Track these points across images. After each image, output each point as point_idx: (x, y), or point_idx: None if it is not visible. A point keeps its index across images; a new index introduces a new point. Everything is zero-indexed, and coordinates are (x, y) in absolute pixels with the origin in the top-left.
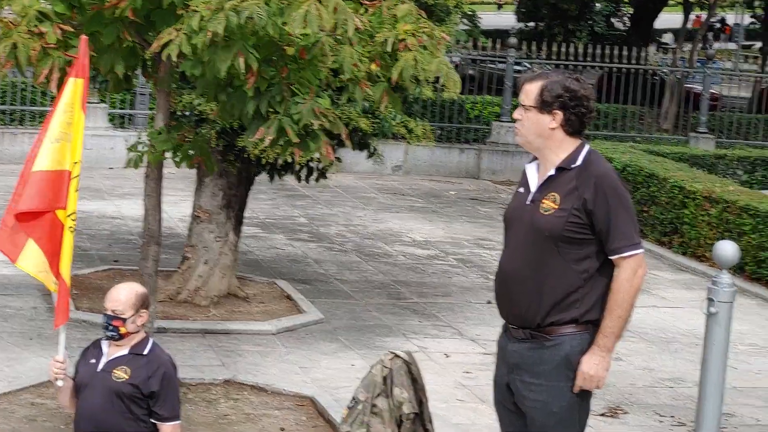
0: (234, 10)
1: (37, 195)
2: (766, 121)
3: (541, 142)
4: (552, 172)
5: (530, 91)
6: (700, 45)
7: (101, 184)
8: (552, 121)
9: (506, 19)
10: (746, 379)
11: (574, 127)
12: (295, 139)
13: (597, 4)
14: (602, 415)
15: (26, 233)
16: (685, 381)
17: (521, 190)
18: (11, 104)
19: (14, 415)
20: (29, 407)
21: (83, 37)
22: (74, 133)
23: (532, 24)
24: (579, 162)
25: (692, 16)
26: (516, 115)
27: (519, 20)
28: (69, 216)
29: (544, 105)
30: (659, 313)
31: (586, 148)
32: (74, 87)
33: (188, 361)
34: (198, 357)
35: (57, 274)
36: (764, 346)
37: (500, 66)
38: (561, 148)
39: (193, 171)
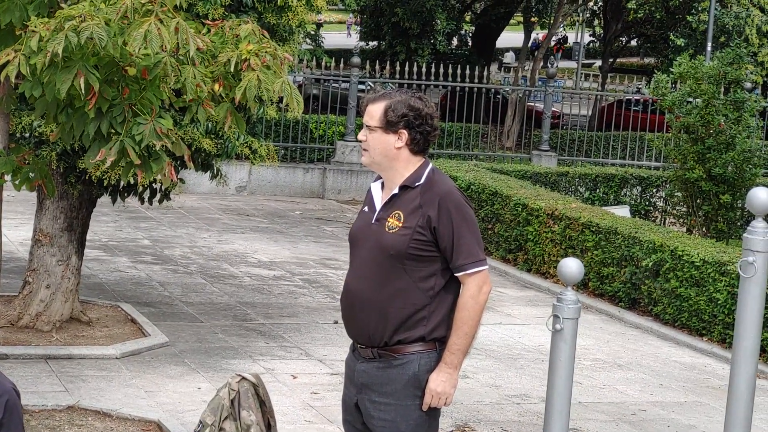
0: (74, 30)
1: None
2: (606, 138)
3: (387, 162)
4: (396, 190)
5: (374, 112)
6: (542, 64)
7: None
8: (398, 140)
9: (351, 39)
10: (591, 393)
11: (419, 146)
12: (137, 161)
13: (438, 23)
14: None
15: None
16: (531, 397)
17: (366, 209)
18: None
19: None
20: None
21: None
22: None
23: (374, 43)
24: (422, 180)
25: (535, 35)
26: (361, 136)
27: (361, 39)
28: None
29: (389, 125)
30: (505, 329)
31: (430, 166)
32: None
33: (30, 388)
34: (41, 383)
35: None
36: (608, 361)
37: (344, 85)
38: (405, 167)
39: (34, 194)
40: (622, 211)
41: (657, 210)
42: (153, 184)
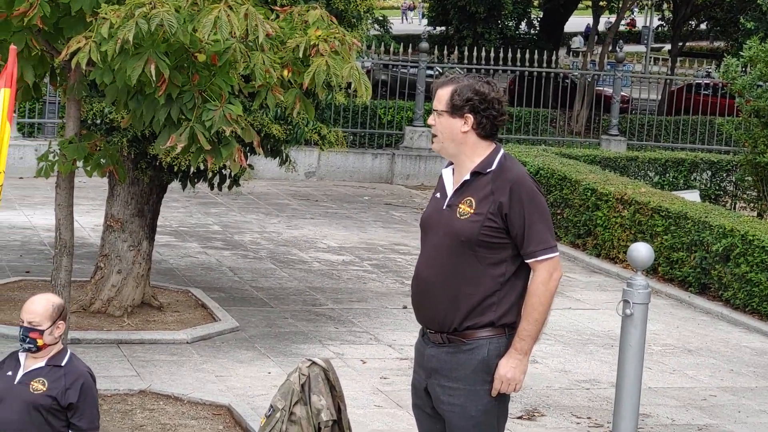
0: (144, 17)
1: None
2: (676, 122)
3: (455, 147)
4: (467, 176)
5: (442, 96)
6: (610, 48)
7: (11, 194)
8: (464, 124)
9: (411, 24)
10: (661, 378)
11: (486, 131)
12: (207, 146)
13: (505, 7)
14: (519, 417)
15: None
16: (600, 382)
17: (438, 195)
18: None
19: None
20: None
21: (12, 47)
22: (3, 146)
23: (442, 28)
24: (494, 166)
25: (604, 19)
26: (430, 121)
27: (429, 24)
28: None
29: (454, 109)
30: (574, 315)
31: (501, 152)
32: (3, 99)
33: (103, 372)
34: (113, 367)
35: None
36: (677, 346)
37: (412, 71)
38: (475, 152)
39: (105, 180)
40: (692, 196)
41: (727, 194)
42: (223, 170)
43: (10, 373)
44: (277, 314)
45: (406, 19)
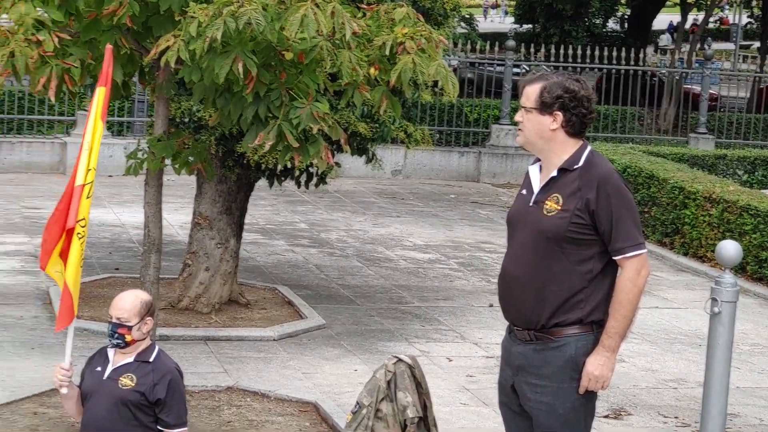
0: (232, 15)
1: (71, 208)
2: (765, 120)
3: (542, 144)
4: (554, 173)
5: (530, 93)
6: (699, 45)
7: (100, 191)
8: (553, 122)
9: (493, 22)
10: (749, 379)
11: (575, 128)
12: (295, 144)
13: (592, 4)
14: (606, 416)
15: (52, 241)
16: (688, 381)
17: (524, 191)
18: (8, 113)
19: (16, 425)
20: (31, 417)
21: (108, 46)
22: (95, 145)
23: (529, 26)
24: (581, 163)
25: (693, 17)
26: (517, 117)
27: (515, 22)
28: (78, 222)
29: (544, 106)
30: (661, 313)
31: (588, 149)
32: (99, 98)
33: (191, 368)
34: (200, 364)
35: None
36: (766, 346)
37: (498, 69)
38: (563, 149)
39: (193, 178)
40: None
41: None
42: (309, 168)
43: (99, 368)
44: (364, 312)
45: (488, 17)
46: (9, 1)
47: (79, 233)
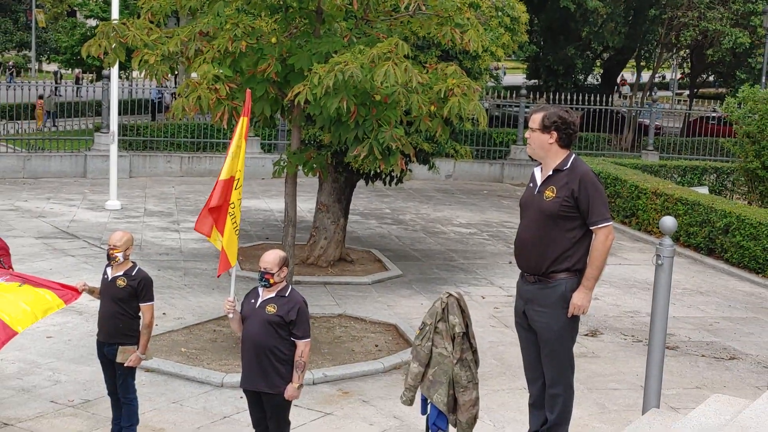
0: (341, 71)
1: (219, 195)
2: (693, 142)
3: (543, 153)
4: (551, 172)
5: (536, 118)
6: (648, 93)
7: (256, 189)
8: (550, 138)
9: (518, 78)
10: (681, 311)
11: (565, 142)
12: (380, 156)
13: (577, 66)
14: (585, 335)
15: (213, 218)
16: (640, 313)
17: (531, 185)
18: (197, 138)
19: (202, 338)
20: (212, 333)
21: (248, 90)
22: (241, 155)
23: (534, 81)
24: (568, 165)
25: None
26: (526, 135)
27: (526, 78)
28: (229, 204)
29: (544, 127)
30: (623, 268)
31: (573, 156)
32: (242, 124)
33: (314, 302)
34: (320, 299)
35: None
36: (693, 289)
37: (515, 108)
38: (556, 156)
39: (316, 179)
40: (703, 190)
41: (727, 189)
42: (391, 173)
43: (252, 301)
44: (427, 266)
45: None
46: (197, 63)
47: (231, 213)
